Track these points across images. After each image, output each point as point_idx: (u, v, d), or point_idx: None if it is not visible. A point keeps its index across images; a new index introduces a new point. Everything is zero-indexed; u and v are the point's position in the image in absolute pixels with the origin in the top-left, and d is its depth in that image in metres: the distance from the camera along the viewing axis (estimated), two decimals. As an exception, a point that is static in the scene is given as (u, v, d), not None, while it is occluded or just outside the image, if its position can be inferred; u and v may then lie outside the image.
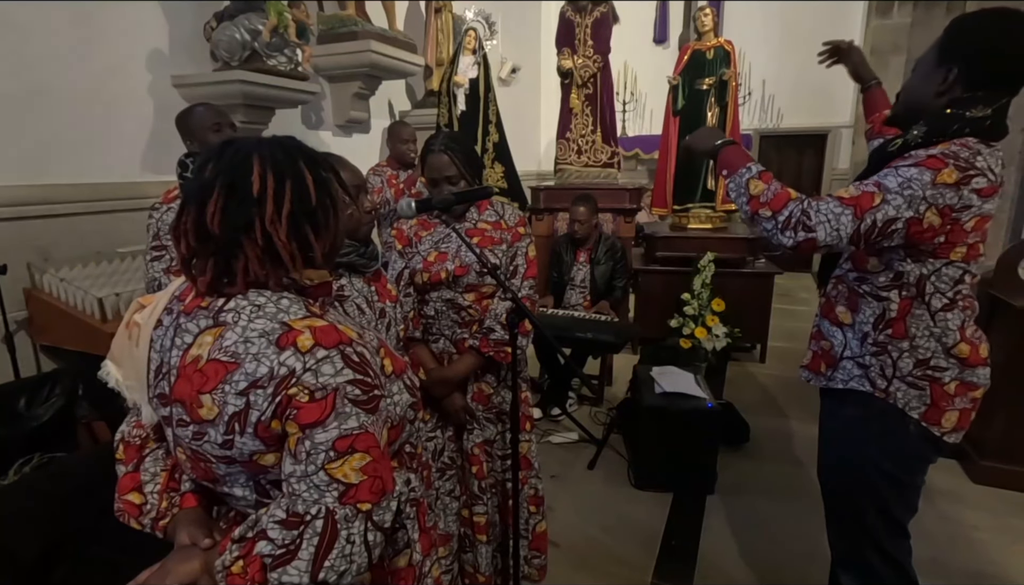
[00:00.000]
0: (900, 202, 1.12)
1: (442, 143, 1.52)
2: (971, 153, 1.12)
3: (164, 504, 0.84)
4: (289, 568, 0.68)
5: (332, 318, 0.79)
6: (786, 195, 1.20)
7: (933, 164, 1.12)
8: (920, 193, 1.11)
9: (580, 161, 4.11)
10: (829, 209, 1.14)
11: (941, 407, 1.23)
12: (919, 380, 1.23)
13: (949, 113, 1.17)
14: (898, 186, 1.13)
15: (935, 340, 1.22)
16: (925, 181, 1.11)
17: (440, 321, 1.59)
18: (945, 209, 1.12)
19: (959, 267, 1.18)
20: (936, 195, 1.11)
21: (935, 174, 1.11)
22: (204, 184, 0.73)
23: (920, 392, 1.23)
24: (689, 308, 3.69)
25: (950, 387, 1.22)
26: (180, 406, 0.74)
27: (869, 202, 1.13)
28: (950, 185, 1.10)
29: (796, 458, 2.86)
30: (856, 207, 1.13)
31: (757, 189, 1.22)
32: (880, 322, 1.26)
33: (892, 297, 1.23)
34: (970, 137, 1.15)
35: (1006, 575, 2.01)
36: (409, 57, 3.93)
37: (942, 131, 1.16)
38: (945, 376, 1.22)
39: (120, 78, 2.59)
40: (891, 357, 1.25)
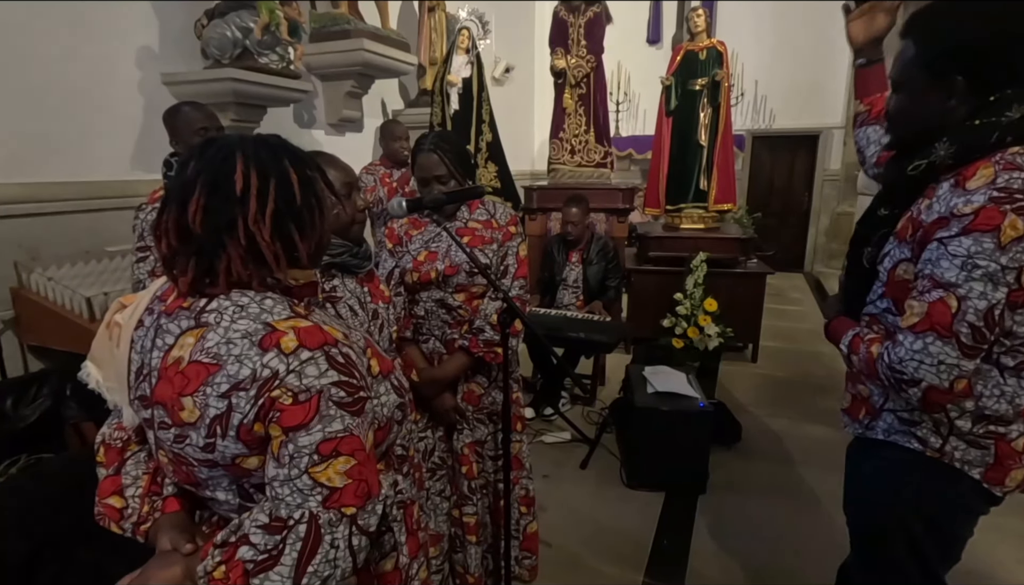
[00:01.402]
0: (980, 288, 0.92)
1: (432, 142, 1.51)
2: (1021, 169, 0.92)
3: (146, 508, 0.83)
4: (272, 574, 0.67)
5: (317, 318, 0.78)
6: (871, 359, 1.05)
7: (987, 222, 0.90)
8: (995, 265, 0.90)
9: (573, 161, 4.11)
10: (909, 350, 0.97)
11: (1007, 466, 1.05)
12: (981, 438, 1.04)
13: (980, 124, 0.97)
14: (960, 271, 0.92)
15: (1006, 401, 1.02)
16: (990, 249, 0.90)
17: (430, 321, 1.59)
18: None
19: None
20: (1017, 256, 0.90)
21: (997, 235, 0.89)
22: (186, 182, 0.72)
23: (983, 451, 1.05)
24: (682, 308, 3.70)
25: (1018, 443, 1.04)
26: (161, 408, 0.73)
27: (946, 315, 0.94)
28: (1021, 237, 0.89)
29: (787, 457, 2.87)
30: (936, 329, 0.94)
31: (856, 362, 1.11)
32: None
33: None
34: (1013, 145, 0.95)
35: (992, 573, 2.02)
36: (402, 56, 3.92)
37: (978, 146, 0.96)
38: (1012, 431, 1.04)
39: (109, 75, 2.56)
40: (948, 416, 1.06)
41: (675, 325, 3.70)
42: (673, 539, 2.25)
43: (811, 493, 2.55)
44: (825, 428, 3.16)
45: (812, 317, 5.47)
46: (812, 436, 3.10)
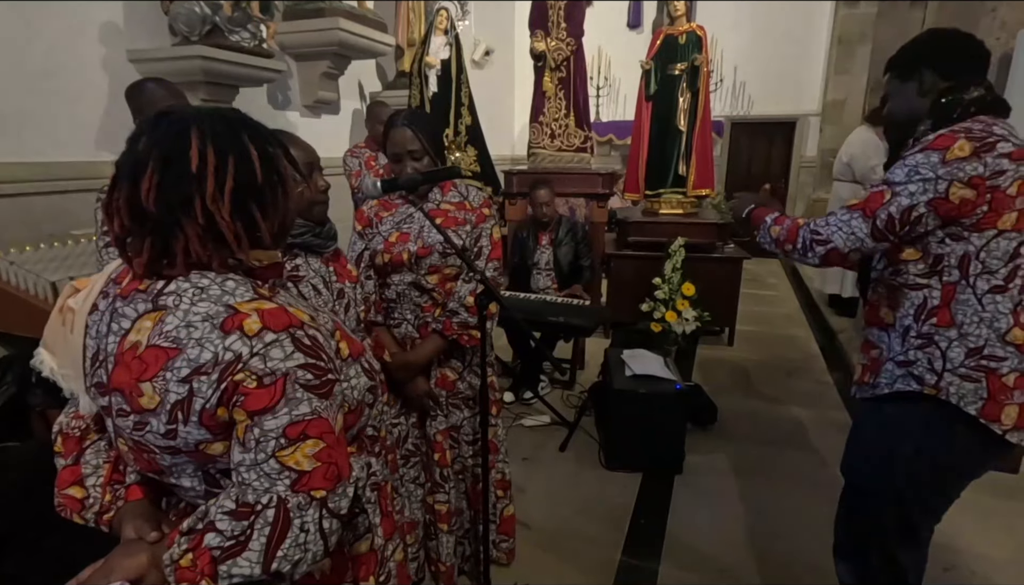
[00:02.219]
0: (913, 189, 1.12)
1: (405, 118, 1.49)
2: (985, 125, 1.12)
3: (108, 497, 0.81)
4: (240, 559, 0.66)
5: (283, 300, 0.76)
6: (795, 226, 1.29)
7: (941, 143, 1.11)
8: (931, 174, 1.11)
9: (553, 145, 4.08)
10: (837, 219, 1.21)
11: (1000, 401, 1.12)
12: (973, 371, 1.14)
13: (946, 101, 1.18)
14: (906, 175, 1.13)
15: (985, 325, 1.13)
16: (934, 162, 1.11)
17: (402, 304, 1.56)
18: (974, 180, 1.08)
19: (1012, 237, 1.11)
20: (953, 171, 1.09)
21: (943, 153, 1.10)
22: (137, 158, 0.69)
23: (976, 385, 1.13)
24: (660, 292, 3.73)
25: (1009, 378, 1.12)
26: (119, 395, 0.71)
27: (879, 200, 1.16)
28: (966, 157, 1.09)
29: (761, 438, 2.94)
30: (864, 209, 1.18)
31: (776, 232, 1.34)
32: (922, 312, 1.18)
33: (933, 284, 1.17)
34: (978, 114, 1.15)
35: (972, 549, 2.09)
36: (379, 36, 3.84)
37: (947, 116, 1.17)
38: (1003, 366, 1.12)
39: (72, 52, 2.46)
40: (939, 348, 1.16)
41: (653, 309, 3.74)
42: (650, 518, 2.29)
43: (785, 473, 2.61)
44: (799, 409, 3.24)
45: (788, 302, 5.57)
46: (786, 417, 3.16)
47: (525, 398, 3.32)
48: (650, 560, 2.06)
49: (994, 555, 2.07)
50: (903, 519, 1.27)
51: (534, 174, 3.87)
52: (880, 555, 1.32)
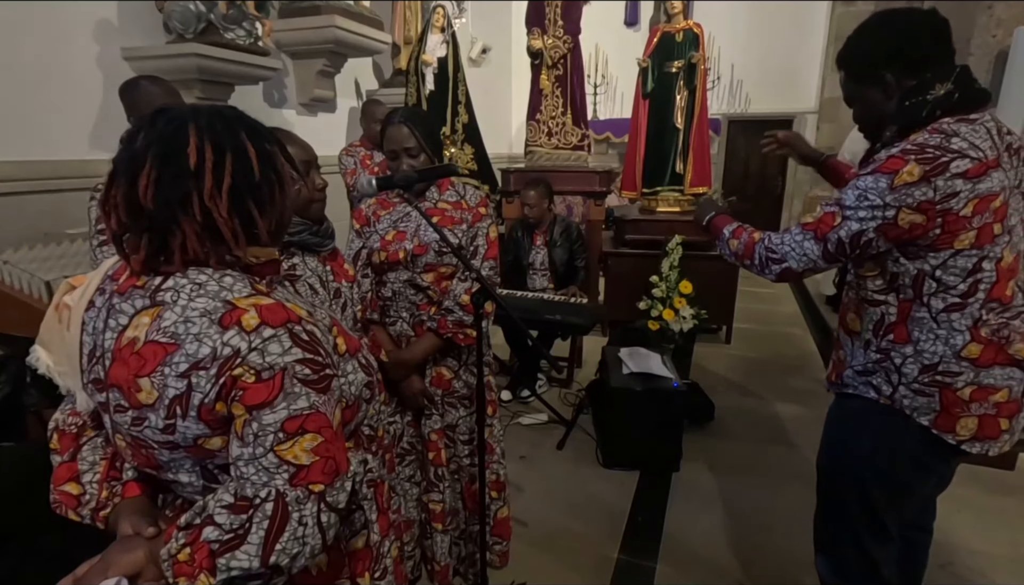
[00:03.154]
0: (862, 214, 1.11)
1: (402, 115, 1.48)
2: (943, 137, 1.06)
3: (104, 494, 0.80)
4: (238, 553, 0.66)
5: (280, 296, 0.76)
6: (752, 241, 1.29)
7: (890, 166, 1.08)
8: (879, 201, 1.09)
9: (550, 143, 4.08)
10: (791, 239, 1.21)
11: (954, 414, 1.15)
12: (927, 386, 1.16)
13: (909, 104, 1.14)
14: (855, 200, 1.12)
15: (941, 343, 1.14)
16: (881, 188, 1.08)
17: (398, 303, 1.56)
18: (923, 205, 1.06)
19: (972, 255, 1.09)
20: (901, 197, 1.07)
21: (892, 177, 1.07)
22: (135, 155, 0.69)
23: (928, 398, 1.16)
24: (657, 290, 3.73)
25: (964, 392, 1.14)
26: (117, 391, 0.71)
27: (830, 223, 1.15)
28: (915, 182, 1.05)
29: (758, 436, 2.95)
30: (816, 231, 1.17)
31: (734, 246, 1.34)
32: (880, 327, 1.21)
33: (890, 300, 1.18)
34: (944, 118, 1.10)
35: (947, 540, 2.11)
36: (375, 34, 3.83)
37: (912, 121, 1.13)
38: (958, 381, 1.14)
39: (66, 50, 2.45)
40: (894, 363, 1.19)
41: (651, 308, 3.74)
42: (648, 516, 2.30)
43: (781, 470, 2.62)
44: (796, 406, 3.25)
45: (785, 300, 5.58)
46: (783, 415, 3.17)
47: (523, 396, 3.32)
48: (647, 558, 2.06)
49: (991, 551, 2.08)
50: (869, 512, 1.29)
51: (531, 172, 3.87)
52: (854, 549, 1.34)
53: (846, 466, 1.32)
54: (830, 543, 1.42)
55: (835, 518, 1.39)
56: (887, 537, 1.31)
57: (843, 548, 1.37)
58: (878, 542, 1.32)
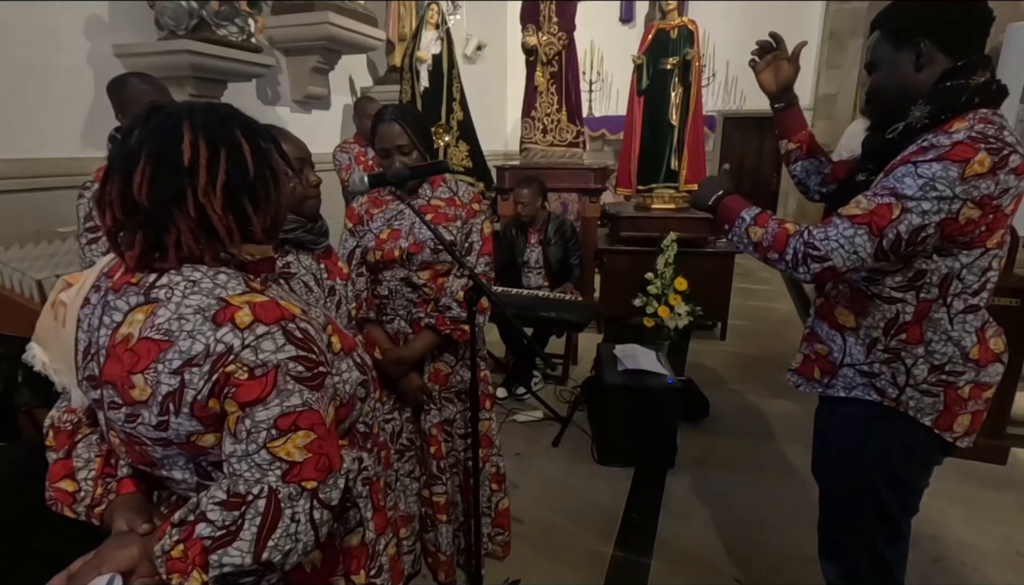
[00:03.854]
0: (926, 207, 1.00)
1: (393, 113, 1.48)
2: (996, 128, 1.00)
3: (99, 491, 0.80)
4: (230, 549, 0.67)
5: (274, 294, 0.76)
6: (785, 233, 1.11)
7: (961, 154, 0.98)
8: (948, 192, 0.98)
9: (545, 140, 4.08)
10: (839, 233, 1.05)
11: (954, 412, 1.14)
12: (934, 386, 1.13)
13: (951, 85, 1.05)
14: (920, 189, 1.00)
15: (952, 344, 1.11)
16: (952, 177, 0.98)
17: (394, 301, 1.57)
18: (984, 199, 0.99)
19: (992, 254, 1.06)
20: (970, 189, 0.98)
21: (963, 166, 0.97)
22: (130, 152, 0.69)
23: (934, 399, 1.13)
24: (652, 287, 3.74)
25: (964, 391, 1.13)
26: (111, 388, 0.71)
27: (886, 216, 1.02)
28: (984, 174, 0.97)
29: (753, 432, 2.96)
30: (870, 224, 1.03)
31: (757, 235, 1.15)
32: (892, 327, 1.13)
33: (908, 299, 1.11)
34: (980, 107, 1.03)
35: (941, 535, 2.13)
36: (369, 31, 3.81)
37: (950, 105, 1.04)
38: (960, 380, 1.12)
39: (56, 46, 2.43)
40: (904, 364, 1.14)
41: (646, 304, 3.75)
42: (642, 513, 2.31)
43: (776, 467, 2.63)
44: (790, 403, 3.26)
45: (780, 296, 5.61)
46: (778, 411, 3.19)
47: (518, 394, 3.32)
48: (642, 555, 2.07)
49: (983, 545, 2.10)
50: (885, 517, 1.26)
51: (526, 170, 3.87)
52: (867, 554, 1.30)
53: (857, 475, 1.25)
54: (841, 550, 1.37)
55: (847, 526, 1.33)
56: (901, 537, 1.29)
57: (856, 554, 1.32)
58: (892, 545, 1.29)
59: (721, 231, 1.26)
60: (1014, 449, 2.68)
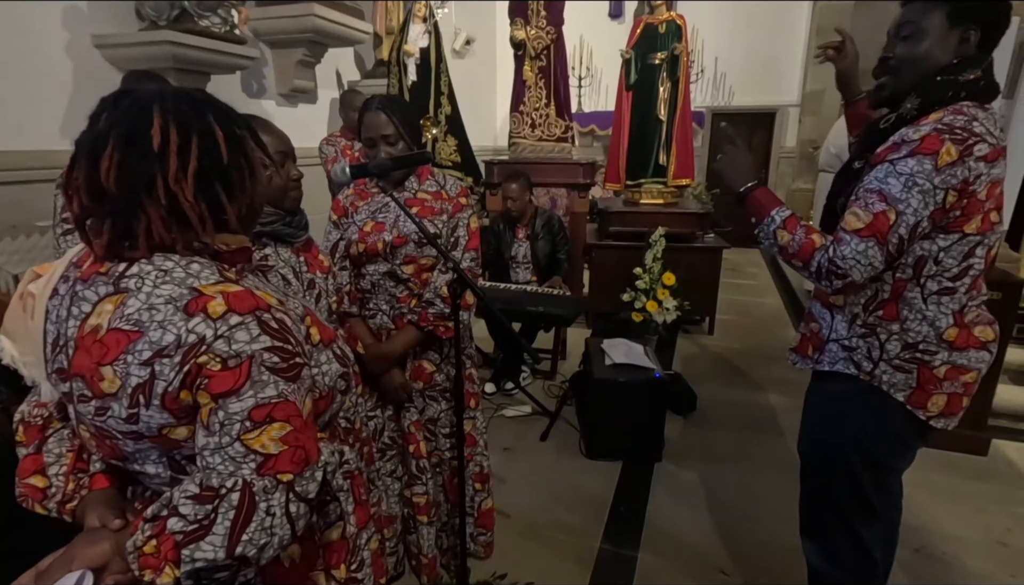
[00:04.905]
0: (915, 204, 1.07)
1: (380, 102, 1.46)
2: (967, 119, 1.06)
3: (71, 486, 0.79)
4: (203, 544, 0.65)
5: (250, 284, 0.74)
6: (811, 245, 1.16)
7: (930, 147, 1.05)
8: (928, 184, 1.05)
9: (534, 135, 4.08)
10: (853, 250, 1.10)
11: (928, 390, 1.18)
12: (906, 363, 1.19)
13: (940, 80, 1.11)
14: (903, 187, 1.07)
15: (927, 324, 1.16)
16: (928, 170, 1.05)
17: (377, 295, 1.54)
18: (961, 185, 1.05)
19: (971, 240, 1.11)
20: (948, 178, 1.05)
21: (935, 159, 1.05)
22: (97, 136, 0.67)
23: (907, 375, 1.19)
24: (641, 282, 3.75)
25: (939, 371, 1.17)
26: (80, 380, 0.69)
27: (885, 224, 1.08)
28: (955, 162, 1.04)
29: (741, 425, 2.98)
30: (876, 236, 1.09)
31: (784, 239, 1.20)
32: (871, 303, 1.20)
33: (885, 278, 1.18)
34: (965, 101, 1.10)
35: (923, 525, 2.16)
36: (356, 24, 3.77)
37: (938, 100, 1.11)
38: (935, 360, 1.17)
39: (33, 37, 2.38)
40: (879, 339, 1.20)
41: (635, 299, 3.76)
42: (630, 506, 2.31)
43: (762, 460, 2.65)
44: (777, 396, 3.29)
45: (767, 291, 5.65)
46: (764, 404, 3.21)
47: (506, 389, 3.32)
48: (629, 548, 2.08)
49: (963, 536, 2.13)
50: (859, 494, 1.30)
51: (515, 164, 3.86)
52: (843, 532, 1.34)
53: (832, 450, 1.31)
54: (818, 528, 1.42)
55: (822, 503, 1.39)
56: (875, 517, 1.33)
57: (832, 532, 1.37)
58: (867, 523, 1.33)
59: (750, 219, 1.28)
60: (995, 440, 2.72)
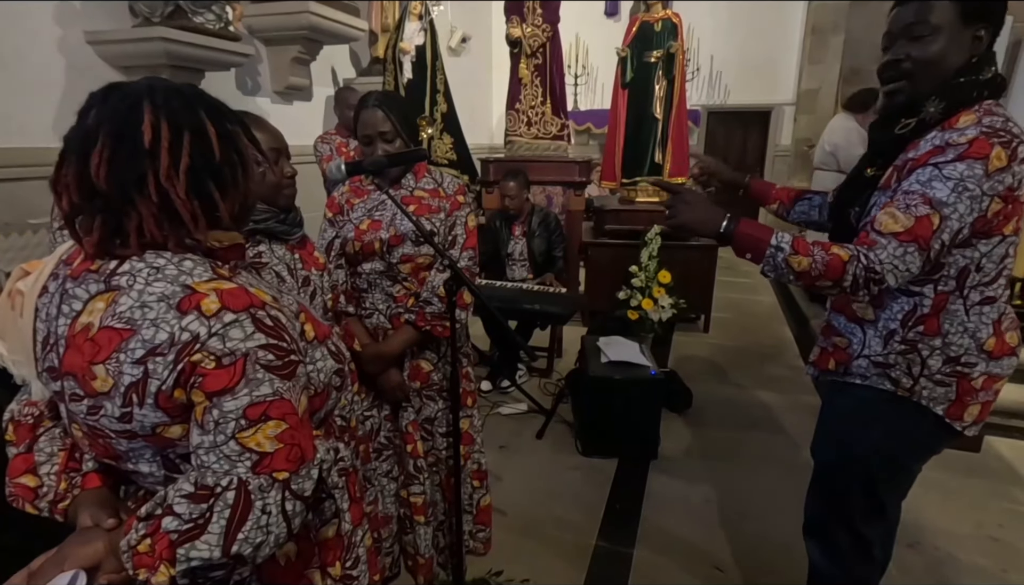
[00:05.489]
0: (962, 210, 1.02)
1: (376, 99, 1.45)
2: (1003, 120, 1.03)
3: (63, 486, 0.78)
4: (198, 543, 0.65)
5: (243, 281, 0.74)
6: (838, 260, 1.06)
7: (980, 151, 1.00)
8: (978, 191, 1.01)
9: (530, 133, 4.06)
10: (889, 255, 1.04)
11: (965, 402, 1.16)
12: (947, 377, 1.15)
13: (964, 81, 1.07)
14: (952, 191, 1.01)
15: (969, 336, 1.13)
16: (979, 175, 1.00)
17: (374, 294, 1.53)
18: (1006, 192, 1.02)
19: (1009, 242, 1.08)
20: (995, 184, 1.01)
21: (986, 163, 1.00)
22: (87, 132, 0.66)
23: (946, 389, 1.15)
24: (637, 280, 3.76)
25: (977, 382, 1.14)
26: (72, 379, 0.68)
27: (929, 229, 1.02)
28: (1004, 168, 1.00)
29: (735, 423, 2.99)
30: (918, 241, 1.03)
31: (802, 265, 1.08)
32: (910, 318, 1.15)
33: (926, 292, 1.12)
34: (987, 99, 1.07)
35: (917, 520, 2.17)
36: (351, 21, 3.75)
37: (964, 101, 1.07)
38: (975, 371, 1.14)
39: (25, 33, 2.35)
40: (920, 355, 1.15)
41: (630, 297, 3.77)
42: (625, 503, 2.32)
43: (758, 456, 2.66)
44: (773, 394, 3.30)
45: (762, 289, 5.66)
46: (760, 402, 3.23)
47: (502, 387, 3.32)
48: (625, 545, 2.09)
49: (956, 531, 2.14)
50: (872, 496, 1.29)
51: (511, 162, 3.85)
52: (847, 532, 1.34)
53: (854, 454, 1.28)
54: (823, 529, 1.41)
55: (832, 504, 1.37)
56: (882, 517, 1.32)
57: (837, 532, 1.36)
58: (872, 523, 1.32)
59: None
60: (988, 437, 2.74)
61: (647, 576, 1.94)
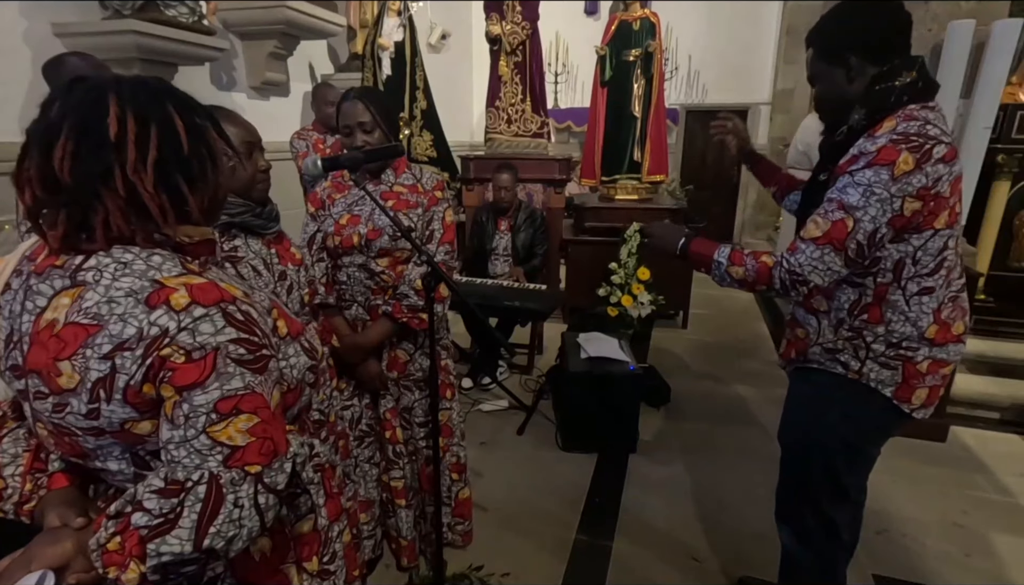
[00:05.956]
0: (873, 212, 1.11)
1: (357, 92, 1.48)
2: (920, 124, 1.11)
3: (28, 487, 0.77)
4: (169, 537, 0.64)
5: (214, 276, 0.73)
6: (765, 267, 1.22)
7: (887, 157, 1.10)
8: (885, 193, 1.10)
9: (510, 130, 4.07)
10: (808, 258, 1.16)
11: (912, 385, 1.24)
12: (892, 360, 1.24)
13: (879, 89, 1.18)
14: (862, 196, 1.12)
15: (911, 325, 1.21)
16: (885, 180, 1.10)
17: (353, 287, 1.55)
18: (920, 191, 1.10)
19: (944, 235, 1.16)
20: (903, 187, 1.09)
21: (891, 168, 1.09)
22: (49, 125, 0.65)
23: (892, 371, 1.24)
24: (616, 277, 3.79)
25: (923, 366, 1.23)
26: (36, 377, 0.67)
27: (843, 231, 1.13)
28: (912, 170, 1.09)
29: (712, 417, 3.04)
30: (833, 243, 1.14)
31: (739, 273, 1.25)
32: (856, 307, 1.25)
33: (868, 283, 1.22)
34: (909, 104, 1.16)
35: (885, 508, 2.23)
36: (329, 16, 3.71)
37: (882, 106, 1.17)
38: (918, 355, 1.23)
39: (-12, 24, 2.29)
40: (865, 341, 1.25)
41: (610, 294, 3.80)
42: (605, 496, 2.35)
43: (733, 449, 2.71)
44: (748, 388, 3.36)
45: (739, 285, 5.74)
46: (735, 395, 3.28)
47: (484, 384, 3.32)
48: (605, 537, 2.11)
49: (923, 518, 2.21)
50: (833, 479, 1.36)
51: (491, 159, 3.85)
52: (815, 515, 1.40)
53: (813, 437, 1.37)
54: (793, 513, 1.48)
55: (798, 488, 1.45)
56: (846, 500, 1.39)
57: (805, 515, 1.43)
58: (837, 505, 1.39)
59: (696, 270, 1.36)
60: (953, 427, 2.83)
61: (626, 567, 1.96)
